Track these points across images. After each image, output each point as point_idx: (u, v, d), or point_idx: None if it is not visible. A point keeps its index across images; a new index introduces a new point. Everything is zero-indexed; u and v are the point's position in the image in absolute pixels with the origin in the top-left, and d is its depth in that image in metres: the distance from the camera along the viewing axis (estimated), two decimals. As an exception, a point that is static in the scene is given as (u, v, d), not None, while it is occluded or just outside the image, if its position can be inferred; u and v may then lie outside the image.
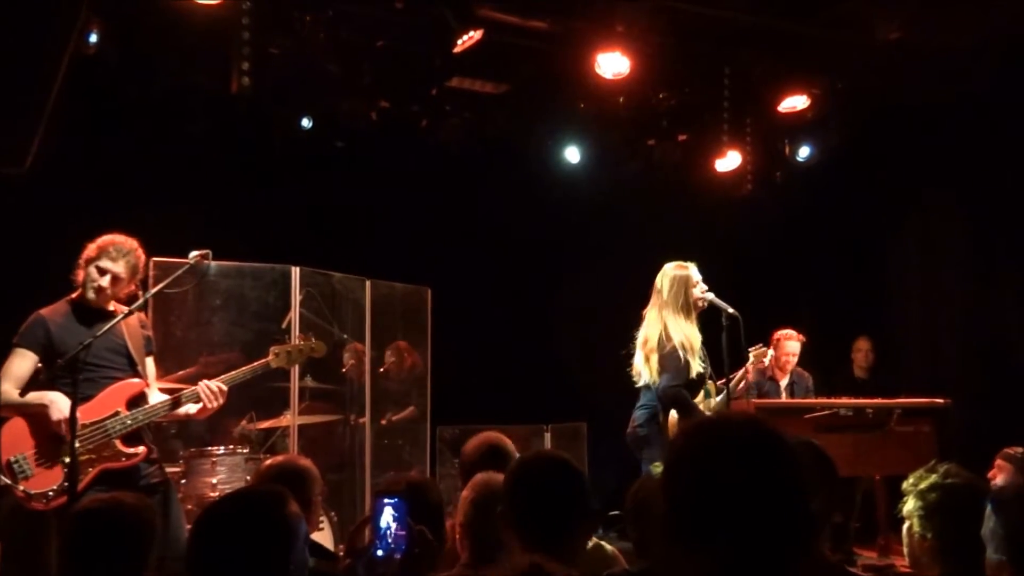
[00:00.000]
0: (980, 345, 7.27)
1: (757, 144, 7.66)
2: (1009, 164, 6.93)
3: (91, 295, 4.10)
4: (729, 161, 7.50)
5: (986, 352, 7.18)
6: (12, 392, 3.93)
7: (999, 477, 4.95)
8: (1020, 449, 4.96)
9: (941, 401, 5.86)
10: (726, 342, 5.15)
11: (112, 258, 4.09)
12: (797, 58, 6.87)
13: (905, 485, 2.61)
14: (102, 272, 4.10)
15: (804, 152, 7.77)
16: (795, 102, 7.10)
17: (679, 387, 5.06)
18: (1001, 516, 2.01)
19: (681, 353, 5.09)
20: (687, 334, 5.14)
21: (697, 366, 5.11)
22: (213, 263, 4.52)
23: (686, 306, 5.20)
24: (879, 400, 5.88)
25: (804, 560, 1.47)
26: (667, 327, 5.18)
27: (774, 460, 1.48)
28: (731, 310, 5.09)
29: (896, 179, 7.99)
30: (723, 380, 5.26)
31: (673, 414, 5.11)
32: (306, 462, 3.25)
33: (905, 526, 2.59)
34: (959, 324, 7.52)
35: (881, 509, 6.40)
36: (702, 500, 1.46)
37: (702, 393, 5.29)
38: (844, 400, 5.94)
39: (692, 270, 5.27)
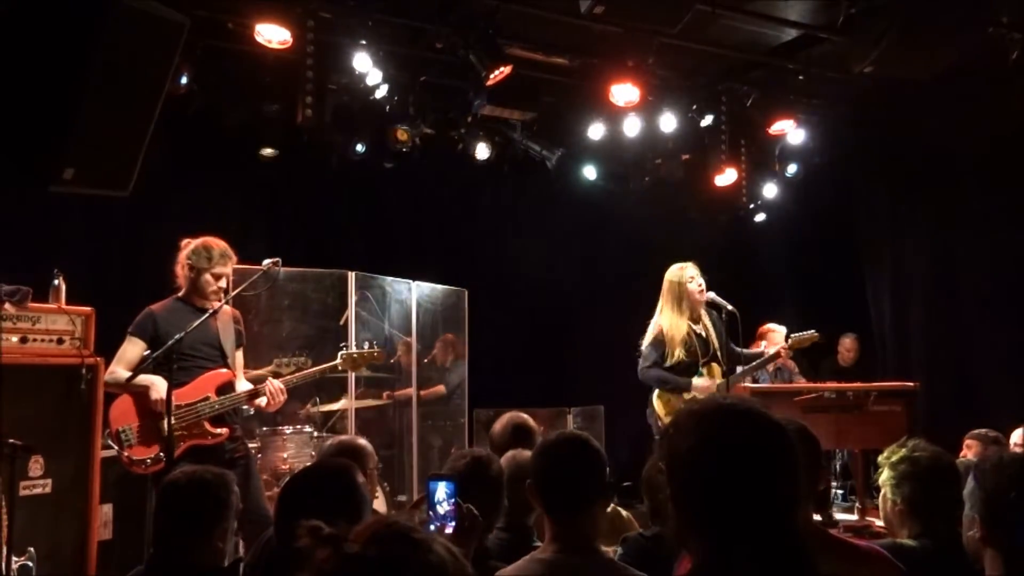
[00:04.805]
0: (944, 339, 7.35)
1: (751, 162, 7.73)
2: (966, 180, 7.04)
3: (215, 300, 4.28)
4: (727, 177, 7.56)
5: (949, 345, 7.28)
6: (122, 373, 4.10)
7: (968, 455, 4.97)
8: (984, 430, 4.97)
9: (911, 385, 5.94)
10: (724, 334, 5.29)
11: (223, 264, 4.30)
12: (784, 89, 6.98)
13: (880, 458, 2.67)
14: (218, 277, 4.29)
15: (792, 169, 7.85)
16: (783, 126, 7.20)
17: (648, 367, 5.20)
18: (980, 483, 2.05)
19: (656, 340, 5.21)
20: (670, 324, 5.23)
21: (678, 355, 5.17)
22: (282, 269, 4.61)
23: (676, 300, 5.27)
24: (858, 384, 5.94)
25: (797, 527, 1.47)
26: (657, 319, 5.31)
27: (769, 441, 1.48)
28: (730, 307, 5.17)
29: (874, 194, 8.10)
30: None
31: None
32: (363, 441, 3.34)
33: (881, 494, 2.64)
34: (927, 323, 7.60)
35: (859, 478, 6.45)
36: (704, 480, 1.47)
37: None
38: (828, 384, 5.99)
39: (688, 269, 5.31)
